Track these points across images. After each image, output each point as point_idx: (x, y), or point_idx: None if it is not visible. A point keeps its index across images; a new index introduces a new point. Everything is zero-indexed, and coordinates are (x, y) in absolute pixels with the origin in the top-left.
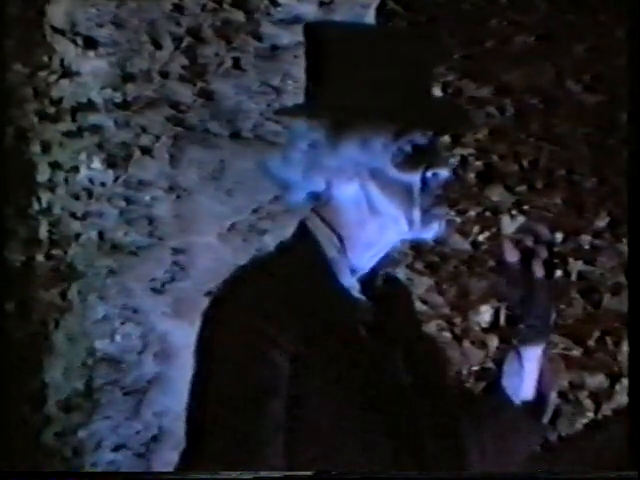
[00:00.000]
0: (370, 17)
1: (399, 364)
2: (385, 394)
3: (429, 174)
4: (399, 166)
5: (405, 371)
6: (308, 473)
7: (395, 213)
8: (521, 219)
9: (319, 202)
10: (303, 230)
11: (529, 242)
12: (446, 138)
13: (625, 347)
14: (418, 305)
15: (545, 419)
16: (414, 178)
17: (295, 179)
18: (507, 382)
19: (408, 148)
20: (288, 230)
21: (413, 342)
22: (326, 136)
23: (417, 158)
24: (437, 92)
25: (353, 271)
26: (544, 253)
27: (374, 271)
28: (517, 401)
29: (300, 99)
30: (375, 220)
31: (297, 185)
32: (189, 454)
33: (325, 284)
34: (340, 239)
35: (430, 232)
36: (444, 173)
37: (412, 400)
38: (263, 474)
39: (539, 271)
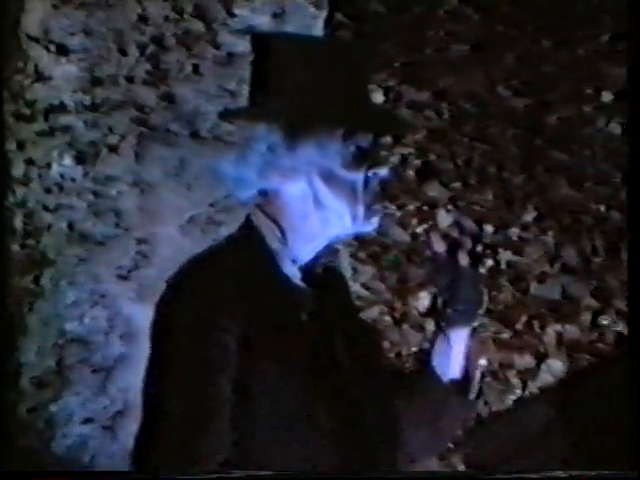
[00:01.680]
0: (319, 28)
1: (337, 346)
2: (324, 374)
3: (371, 173)
4: (345, 166)
5: (343, 352)
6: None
7: (340, 208)
8: (454, 213)
9: (267, 198)
10: (249, 224)
11: (456, 234)
12: (388, 139)
13: (551, 330)
14: (361, 291)
15: (472, 396)
16: (358, 177)
17: (250, 178)
18: (436, 362)
19: (353, 149)
20: (239, 222)
21: (350, 326)
22: (283, 139)
23: (360, 158)
24: (379, 97)
25: (294, 261)
26: (470, 244)
27: (315, 261)
28: (446, 380)
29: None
30: (319, 214)
31: (250, 183)
32: (147, 426)
33: (269, 273)
34: (282, 232)
35: (371, 226)
36: (384, 172)
37: (349, 379)
38: (262, 474)
39: (465, 260)
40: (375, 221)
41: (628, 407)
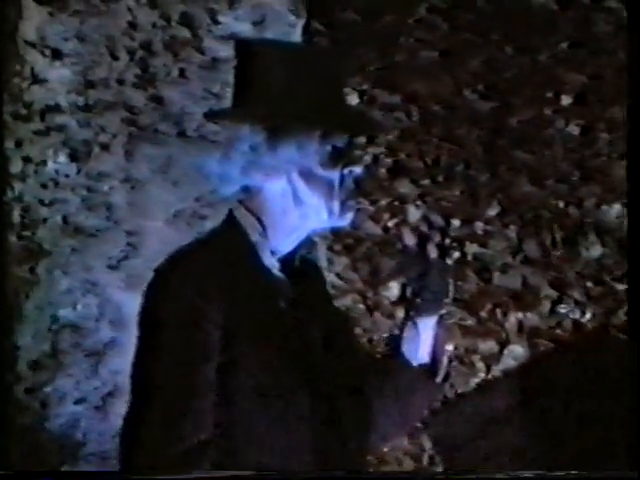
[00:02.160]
0: (297, 35)
1: (314, 332)
2: (301, 358)
3: (346, 171)
4: (322, 165)
5: (319, 338)
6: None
7: (317, 204)
8: (423, 209)
9: (249, 194)
10: (231, 218)
11: (425, 228)
12: (362, 139)
13: (512, 317)
14: (336, 281)
15: (438, 379)
16: (334, 175)
17: (233, 175)
18: (406, 348)
19: (330, 149)
20: (222, 216)
21: (325, 313)
22: (266, 139)
23: (336, 158)
24: (354, 99)
25: (273, 253)
26: (438, 237)
27: (293, 253)
28: (415, 364)
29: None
30: (298, 210)
31: (234, 180)
32: (135, 406)
33: (249, 264)
34: (263, 226)
35: (346, 220)
36: (358, 170)
37: (325, 363)
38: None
39: (433, 253)
40: (350, 216)
41: (585, 388)
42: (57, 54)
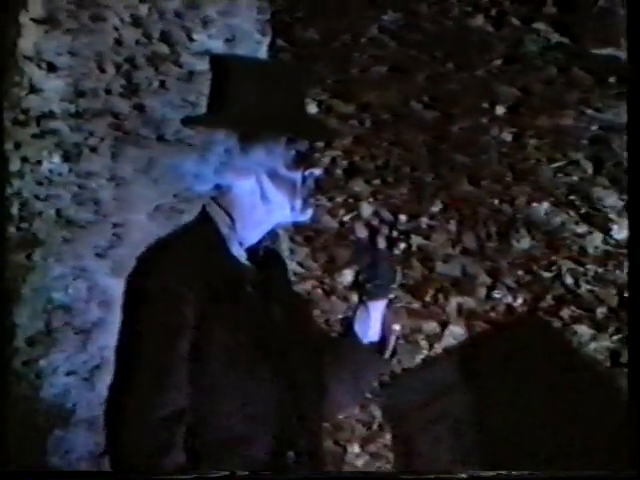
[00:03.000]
0: (263, 51)
1: (276, 314)
2: (265, 336)
3: (307, 173)
4: (287, 167)
5: (281, 319)
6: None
7: (281, 201)
8: (374, 205)
9: (221, 191)
10: (204, 213)
11: (376, 222)
12: (320, 143)
13: (452, 301)
14: (297, 268)
15: (387, 355)
16: (297, 175)
17: (208, 175)
18: (358, 327)
19: (294, 153)
20: (196, 211)
21: (287, 297)
22: (238, 144)
23: (299, 161)
24: (313, 108)
25: (241, 243)
26: (387, 231)
27: (258, 244)
28: (365, 342)
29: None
30: (264, 206)
31: (208, 179)
32: (119, 378)
33: (220, 253)
34: (232, 220)
35: (307, 215)
36: (318, 172)
37: (286, 341)
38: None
39: (383, 244)
40: (310, 212)
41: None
42: (52, 67)
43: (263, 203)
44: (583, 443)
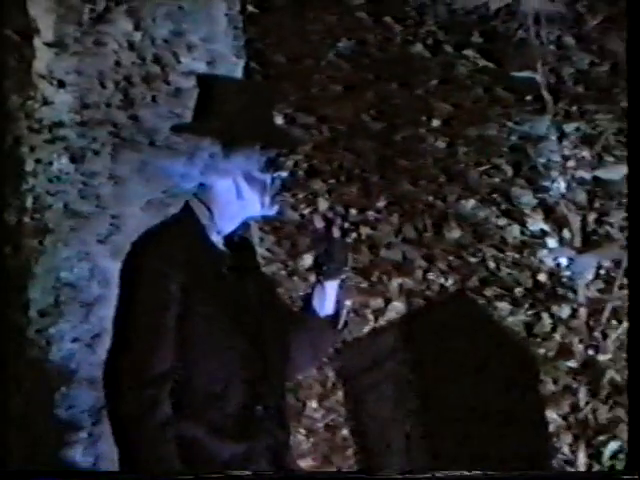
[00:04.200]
0: (239, 72)
1: (248, 291)
2: (239, 311)
3: (275, 175)
4: (259, 170)
5: (252, 295)
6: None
7: (253, 198)
8: (330, 201)
9: (203, 189)
10: (188, 207)
11: (331, 215)
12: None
13: (394, 282)
14: (265, 253)
15: (339, 326)
16: (267, 177)
17: (194, 175)
18: (316, 303)
19: (265, 158)
20: (182, 205)
21: (257, 277)
22: (222, 149)
23: (269, 165)
24: (279, 120)
25: (219, 232)
26: (340, 222)
27: (233, 233)
28: (322, 315)
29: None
30: (239, 202)
31: (194, 179)
32: (115, 345)
33: (201, 240)
34: (211, 213)
35: (274, 210)
36: (284, 174)
37: (256, 314)
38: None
39: (337, 233)
40: (276, 207)
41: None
42: (61, 84)
43: (238, 199)
44: (502, 393)
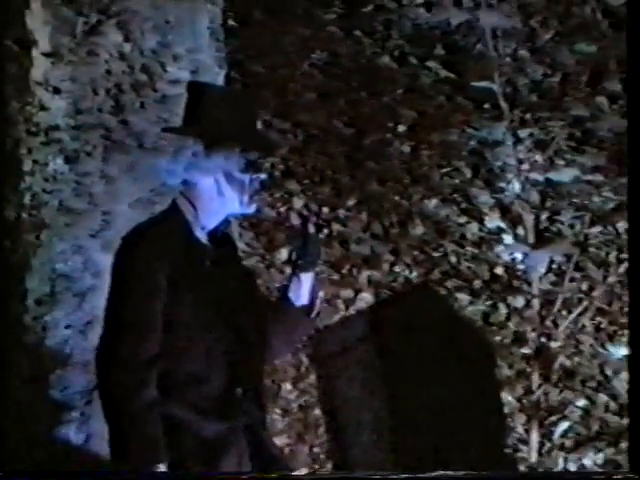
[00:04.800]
0: (220, 80)
1: (229, 282)
2: (221, 299)
3: (254, 176)
4: (240, 170)
5: (233, 286)
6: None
7: (233, 196)
8: (304, 199)
9: (188, 187)
10: (174, 204)
11: (306, 212)
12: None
13: (363, 274)
14: (245, 247)
15: (313, 315)
16: (246, 177)
17: (179, 172)
18: (292, 294)
19: (245, 160)
20: (168, 203)
21: (237, 269)
22: (204, 150)
23: (248, 166)
24: (258, 125)
25: (203, 228)
26: (314, 219)
27: (216, 228)
28: (297, 305)
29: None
30: (220, 199)
31: (179, 175)
32: (106, 331)
33: (186, 235)
34: (195, 209)
35: (252, 209)
36: (262, 176)
37: (237, 303)
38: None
39: (311, 229)
40: (254, 205)
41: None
42: (57, 90)
43: (219, 197)
44: (461, 376)
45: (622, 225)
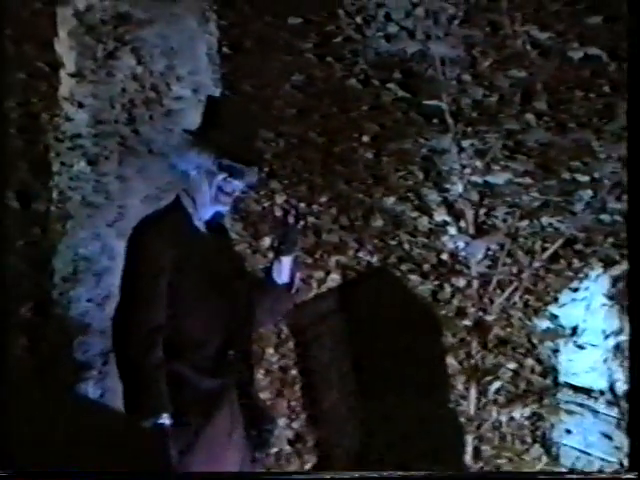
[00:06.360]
0: (217, 93)
1: (223, 265)
2: (217, 279)
3: (228, 179)
4: (235, 177)
5: (226, 268)
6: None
7: (225, 197)
8: (285, 196)
9: (189, 185)
10: (177, 198)
11: (287, 206)
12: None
13: (333, 259)
14: (235, 236)
15: (292, 292)
16: (218, 178)
17: (188, 170)
18: (275, 274)
19: (240, 167)
20: (172, 198)
21: (229, 254)
22: (186, 144)
23: (242, 173)
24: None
25: (200, 219)
26: (293, 212)
27: (212, 219)
28: (280, 283)
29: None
30: (216, 198)
31: (177, 167)
32: (121, 305)
33: (187, 224)
34: (195, 203)
35: (219, 208)
36: (237, 182)
37: (229, 282)
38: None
39: (291, 221)
40: (221, 207)
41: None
42: (80, 105)
43: (208, 192)
44: (413, 343)
45: (545, 220)
